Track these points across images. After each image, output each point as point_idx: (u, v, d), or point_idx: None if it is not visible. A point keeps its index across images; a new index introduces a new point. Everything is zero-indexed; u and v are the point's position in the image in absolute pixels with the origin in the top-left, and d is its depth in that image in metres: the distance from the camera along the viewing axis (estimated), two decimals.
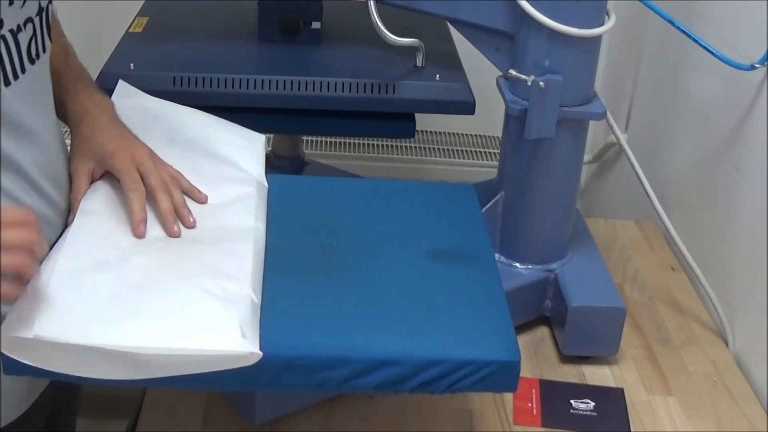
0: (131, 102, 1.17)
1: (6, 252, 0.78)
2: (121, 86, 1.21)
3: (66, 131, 1.08)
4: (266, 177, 1.16)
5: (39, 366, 0.85)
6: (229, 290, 0.93)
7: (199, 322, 0.88)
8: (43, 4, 0.97)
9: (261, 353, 0.87)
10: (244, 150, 1.18)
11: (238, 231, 1.04)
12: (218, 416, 1.17)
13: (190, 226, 1.04)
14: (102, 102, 1.11)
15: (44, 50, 0.98)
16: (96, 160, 1.05)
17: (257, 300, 0.95)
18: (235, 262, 0.98)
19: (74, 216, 1.01)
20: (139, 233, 1.01)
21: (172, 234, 1.02)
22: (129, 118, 1.11)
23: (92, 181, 1.06)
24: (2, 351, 0.84)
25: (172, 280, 0.94)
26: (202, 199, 1.08)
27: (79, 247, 0.95)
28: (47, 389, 1.04)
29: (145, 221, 1.02)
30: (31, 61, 0.95)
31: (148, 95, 1.21)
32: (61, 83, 1.09)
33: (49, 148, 1.00)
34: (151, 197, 1.04)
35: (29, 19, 0.93)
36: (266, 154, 1.20)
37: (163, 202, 1.04)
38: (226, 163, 1.14)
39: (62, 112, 1.09)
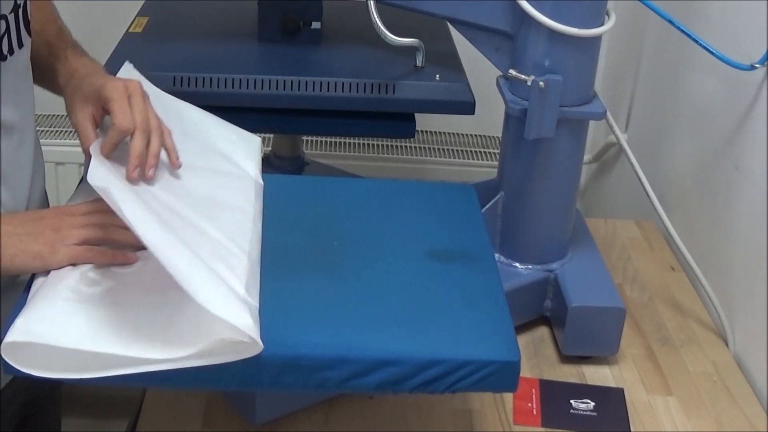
0: None
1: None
2: (127, 68, 1.17)
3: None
4: (265, 177, 1.16)
5: (38, 374, 0.84)
6: (230, 284, 0.92)
7: (206, 308, 0.85)
8: (20, 0, 0.96)
9: (262, 345, 0.86)
10: (241, 148, 1.17)
11: (234, 230, 1.03)
12: (218, 416, 1.17)
13: (150, 177, 0.98)
14: (92, 63, 1.10)
15: (20, 45, 0.97)
16: (91, 100, 1.00)
17: (254, 301, 0.93)
18: (232, 261, 0.97)
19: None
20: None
21: (129, 177, 0.96)
22: None
23: (97, 126, 1.01)
24: (3, 356, 0.83)
25: (178, 258, 0.90)
26: (175, 165, 1.03)
27: None
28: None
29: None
30: (2, 58, 0.94)
31: (152, 84, 1.17)
32: (53, 51, 1.08)
33: (21, 141, 0.99)
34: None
35: (2, 17, 0.93)
36: (266, 154, 1.20)
37: (137, 141, 0.97)
38: (223, 158, 1.14)
39: (54, 80, 1.07)
